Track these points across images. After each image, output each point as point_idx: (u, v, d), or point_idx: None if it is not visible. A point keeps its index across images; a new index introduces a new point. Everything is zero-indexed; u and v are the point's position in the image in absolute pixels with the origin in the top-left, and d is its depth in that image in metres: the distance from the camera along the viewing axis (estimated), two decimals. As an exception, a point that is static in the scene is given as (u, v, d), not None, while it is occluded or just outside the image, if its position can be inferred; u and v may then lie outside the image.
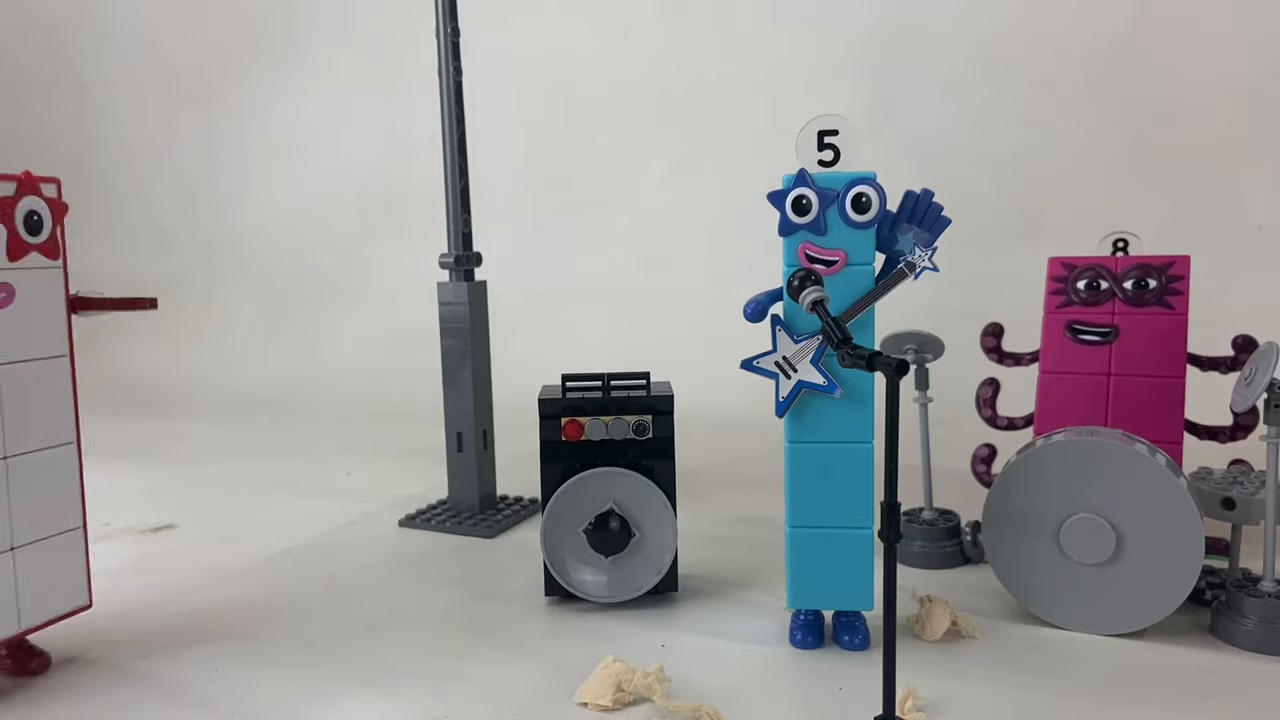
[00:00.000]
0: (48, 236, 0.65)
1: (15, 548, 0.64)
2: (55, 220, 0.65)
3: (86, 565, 0.69)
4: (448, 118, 0.99)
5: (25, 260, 0.63)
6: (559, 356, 1.16)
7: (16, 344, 0.63)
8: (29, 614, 0.65)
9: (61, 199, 0.66)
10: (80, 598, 0.69)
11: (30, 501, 0.65)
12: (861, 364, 0.56)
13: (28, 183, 0.63)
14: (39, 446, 0.65)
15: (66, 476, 0.67)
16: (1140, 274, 0.86)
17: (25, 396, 0.64)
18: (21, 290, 0.63)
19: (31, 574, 0.65)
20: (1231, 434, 0.86)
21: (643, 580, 0.76)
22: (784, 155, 0.68)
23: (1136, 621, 0.70)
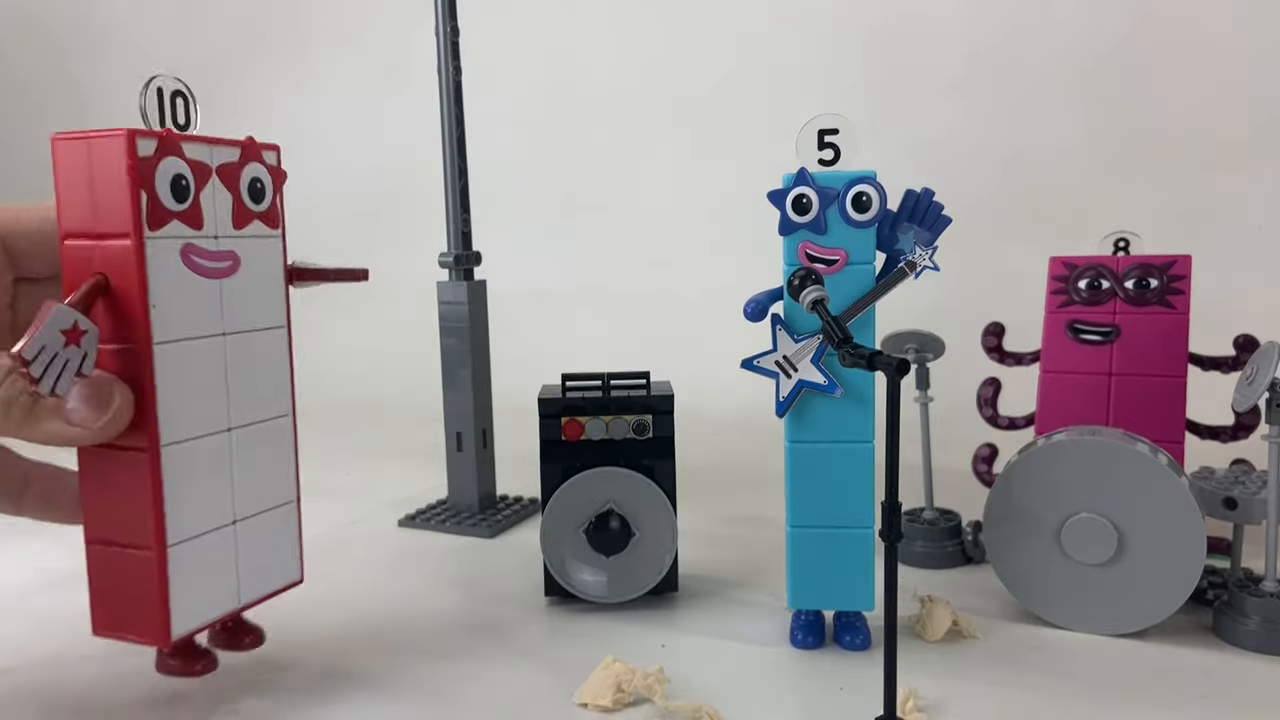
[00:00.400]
0: (269, 204, 0.62)
1: (238, 520, 0.61)
2: (276, 188, 0.63)
3: (299, 539, 0.67)
4: (447, 117, 0.99)
5: (249, 228, 0.61)
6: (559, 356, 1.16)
7: (241, 314, 0.61)
8: (248, 589, 0.63)
9: (281, 166, 0.63)
10: (293, 572, 0.67)
11: (252, 474, 0.62)
12: (862, 363, 0.56)
13: (251, 149, 0.61)
14: (261, 418, 0.63)
15: (284, 448, 0.65)
16: (1141, 273, 0.86)
17: (250, 368, 0.62)
18: (245, 259, 0.61)
19: (252, 548, 0.63)
20: (1233, 434, 0.85)
21: (643, 580, 0.76)
22: (784, 155, 0.68)
23: (1138, 621, 0.70)
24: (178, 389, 0.57)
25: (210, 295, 0.59)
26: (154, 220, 0.55)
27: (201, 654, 0.62)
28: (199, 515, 0.59)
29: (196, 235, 0.57)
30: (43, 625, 0.76)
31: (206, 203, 0.58)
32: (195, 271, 0.57)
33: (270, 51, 2.06)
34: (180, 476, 0.57)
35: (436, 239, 1.03)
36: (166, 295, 0.56)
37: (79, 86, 2.24)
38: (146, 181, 0.54)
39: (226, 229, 0.59)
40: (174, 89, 0.57)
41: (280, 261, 0.64)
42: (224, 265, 0.59)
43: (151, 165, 0.54)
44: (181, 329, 0.57)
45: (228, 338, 0.60)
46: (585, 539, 0.75)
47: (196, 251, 0.57)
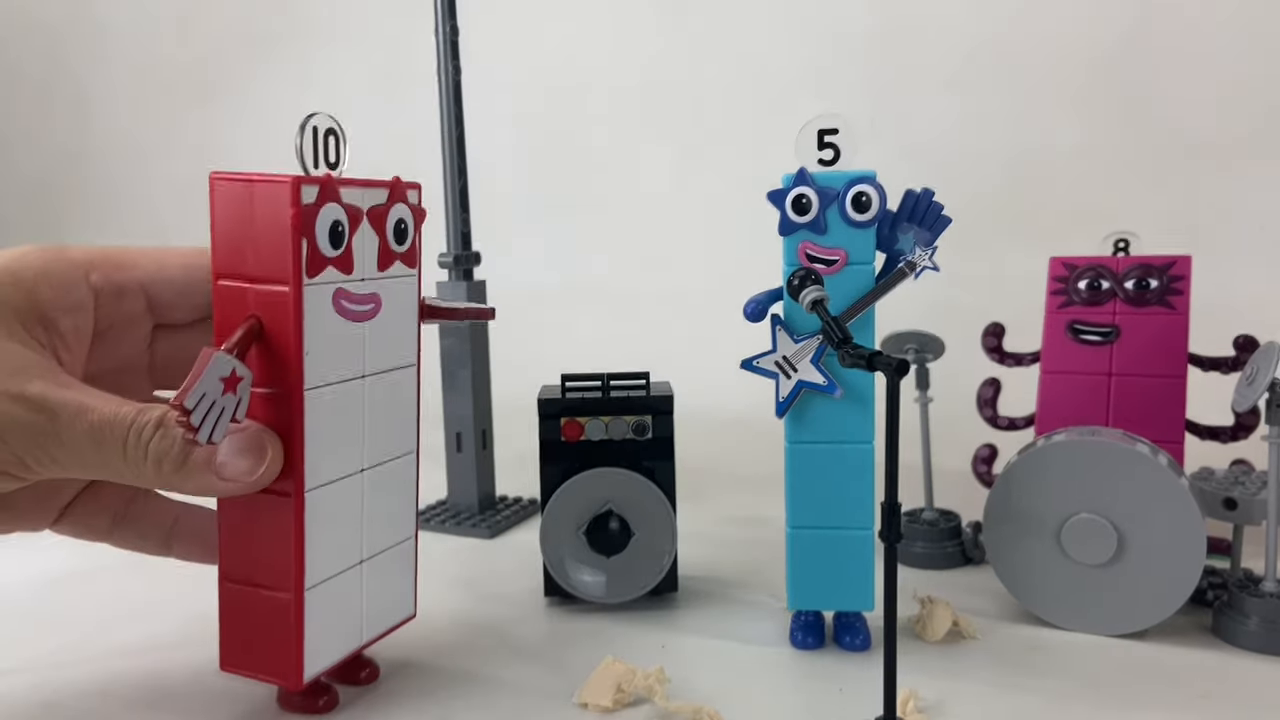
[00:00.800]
0: (410, 244, 0.61)
1: (364, 560, 0.61)
2: (417, 227, 0.62)
3: (415, 574, 0.66)
4: (447, 117, 0.99)
5: (391, 269, 0.60)
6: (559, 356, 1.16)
7: (380, 355, 0.60)
8: (370, 627, 0.63)
9: (421, 204, 0.62)
10: (408, 608, 0.67)
11: (380, 513, 0.62)
12: (862, 364, 0.56)
13: (399, 190, 0.60)
14: (390, 456, 0.62)
15: (408, 485, 0.64)
16: (1141, 274, 0.86)
17: (384, 407, 0.61)
18: (386, 300, 0.60)
19: (376, 586, 0.62)
20: (1233, 434, 0.85)
21: (642, 580, 0.76)
22: (784, 155, 0.68)
23: (1138, 622, 0.70)
24: (323, 433, 0.56)
25: (355, 338, 0.58)
26: (312, 268, 0.54)
27: (324, 689, 0.62)
28: (333, 557, 0.59)
29: (346, 279, 0.57)
30: (43, 625, 0.77)
31: (357, 246, 0.57)
32: (344, 316, 0.57)
33: (270, 51, 2.05)
34: (320, 520, 0.57)
35: (436, 239, 1.03)
36: (319, 341, 0.55)
37: (79, 86, 2.24)
38: (308, 229, 0.54)
39: (371, 270, 0.59)
40: (327, 127, 0.56)
41: (415, 299, 0.63)
42: (368, 308, 0.59)
43: (313, 212, 0.54)
44: (330, 374, 0.57)
45: (367, 379, 0.59)
46: (585, 539, 0.75)
47: (346, 296, 0.57)
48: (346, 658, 0.62)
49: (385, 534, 0.63)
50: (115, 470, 0.53)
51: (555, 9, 1.83)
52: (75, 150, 2.24)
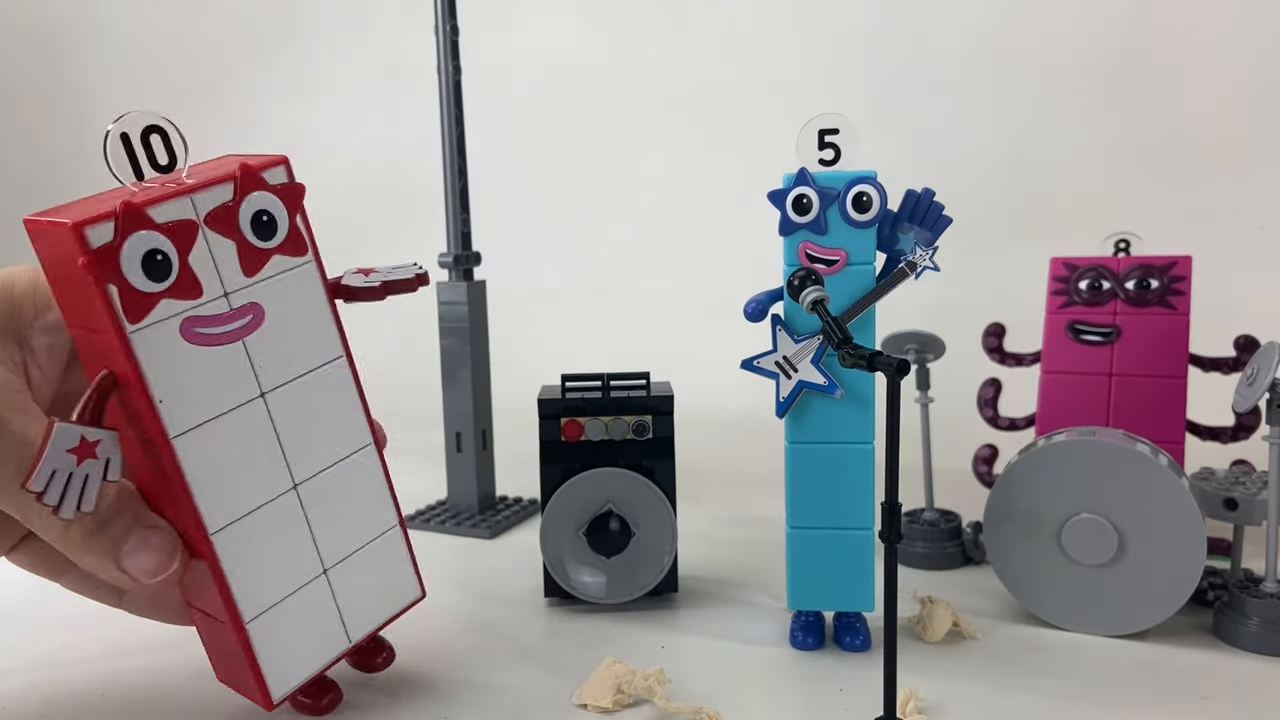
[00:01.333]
0: (287, 232, 0.53)
1: (329, 569, 0.58)
2: (291, 210, 0.53)
3: (411, 559, 0.63)
4: (447, 117, 0.99)
5: (266, 269, 0.53)
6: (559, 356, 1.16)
7: (279, 366, 0.54)
8: (359, 625, 0.60)
9: (294, 179, 0.54)
10: (412, 591, 0.64)
11: (336, 518, 0.58)
12: (862, 364, 0.56)
13: (247, 179, 0.52)
14: (334, 460, 0.58)
15: (372, 480, 0.60)
16: (1142, 274, 0.86)
17: (306, 416, 0.56)
18: (270, 305, 0.53)
19: (355, 586, 0.60)
20: (1233, 434, 0.85)
21: (642, 581, 0.76)
22: (784, 155, 0.68)
23: (1138, 622, 0.70)
24: (213, 473, 0.52)
25: (232, 361, 0.52)
26: (133, 311, 0.48)
27: (328, 688, 0.61)
28: (276, 582, 0.55)
29: (195, 304, 0.50)
30: (43, 625, 0.76)
31: (200, 264, 0.50)
32: (204, 344, 0.51)
33: (270, 51, 2.05)
34: (242, 555, 0.53)
35: (436, 239, 1.03)
36: (174, 382, 0.50)
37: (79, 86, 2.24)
38: (110, 273, 0.47)
39: (236, 281, 0.52)
40: (144, 125, 0.49)
41: (319, 288, 0.56)
42: (242, 323, 0.52)
43: (113, 251, 0.47)
44: (202, 412, 0.51)
45: (269, 396, 0.54)
46: (585, 540, 0.75)
47: (200, 322, 0.50)
48: (346, 654, 0.61)
49: (352, 536, 0.60)
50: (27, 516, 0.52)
51: (555, 9, 1.83)
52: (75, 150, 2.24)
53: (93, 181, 1.80)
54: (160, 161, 0.49)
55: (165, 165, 0.50)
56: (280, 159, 0.53)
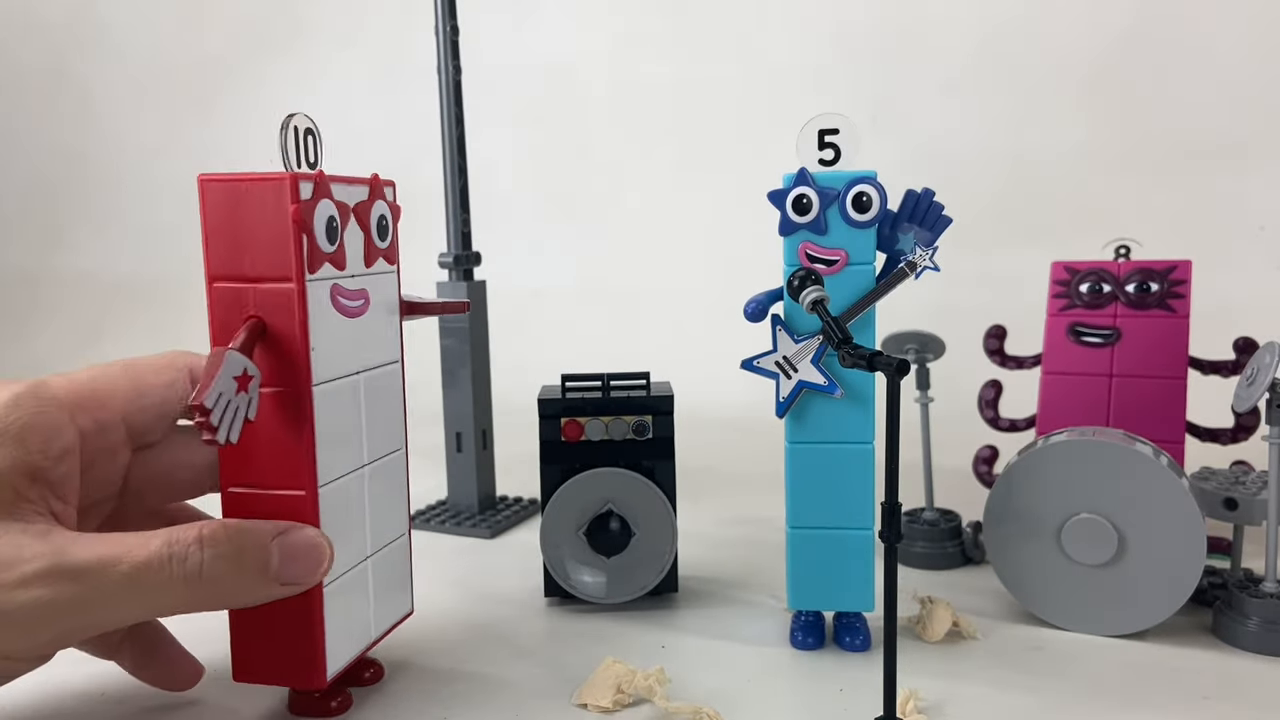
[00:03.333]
0: (391, 240, 0.62)
1: (369, 556, 0.62)
2: (394, 223, 0.63)
3: (410, 571, 0.67)
4: (447, 117, 0.99)
5: (375, 265, 0.61)
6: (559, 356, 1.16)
7: (370, 352, 0.61)
8: (376, 625, 0.63)
9: (396, 201, 0.63)
10: (406, 604, 0.67)
11: (378, 510, 0.63)
12: (862, 364, 0.56)
13: (377, 186, 0.61)
14: (385, 452, 0.63)
15: (399, 483, 0.65)
16: (1142, 278, 0.86)
17: (376, 404, 0.62)
18: (373, 296, 0.61)
19: (379, 583, 0.63)
20: (1233, 436, 0.86)
21: (643, 581, 0.76)
22: (784, 155, 0.68)
23: (1138, 622, 0.70)
24: (331, 430, 0.57)
25: (350, 334, 0.59)
26: (313, 263, 0.55)
27: (335, 691, 0.61)
28: (344, 553, 0.59)
29: (340, 275, 0.58)
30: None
31: (348, 242, 0.58)
32: (341, 312, 0.58)
33: (270, 51, 2.05)
34: (332, 516, 0.57)
35: (436, 239, 1.03)
36: (323, 336, 0.56)
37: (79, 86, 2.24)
38: (307, 224, 0.54)
39: (359, 267, 0.59)
40: (306, 127, 0.56)
41: (396, 296, 0.64)
42: (360, 304, 0.59)
43: (310, 208, 0.54)
44: (332, 370, 0.57)
45: (361, 375, 0.60)
46: (585, 540, 0.75)
47: (341, 292, 0.58)
48: (358, 658, 0.62)
49: (385, 530, 0.64)
50: (162, 608, 0.52)
51: (556, 8, 1.83)
52: (76, 150, 2.24)
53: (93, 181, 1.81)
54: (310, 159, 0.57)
55: (313, 163, 0.57)
56: (392, 182, 0.63)
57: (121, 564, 0.50)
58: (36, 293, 2.19)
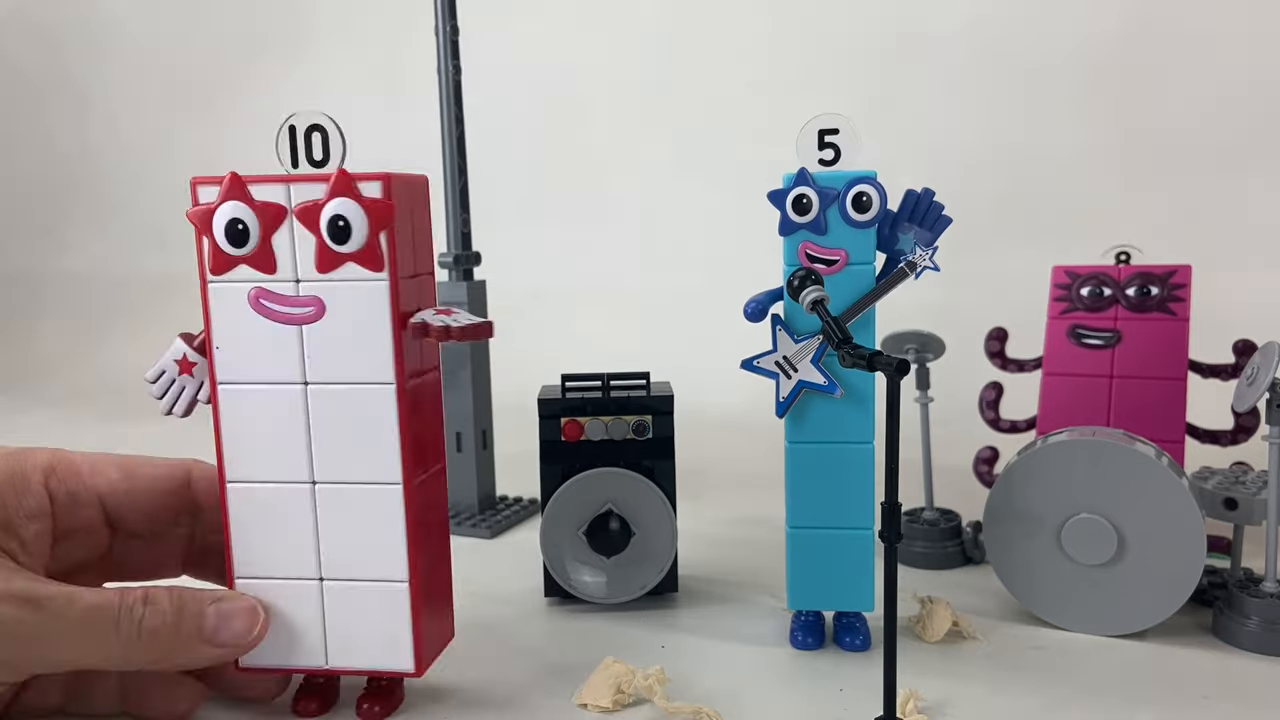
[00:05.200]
0: (363, 244, 0.55)
1: (325, 579, 0.59)
2: (374, 226, 0.55)
3: (413, 628, 0.59)
4: (447, 117, 0.99)
5: (339, 272, 0.56)
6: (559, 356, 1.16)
7: (325, 364, 0.57)
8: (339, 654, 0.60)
9: (388, 197, 0.55)
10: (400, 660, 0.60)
11: (344, 537, 0.59)
12: (862, 364, 0.56)
13: (340, 184, 0.55)
14: (356, 480, 0.58)
15: (390, 521, 0.58)
16: (1143, 282, 0.87)
17: (340, 423, 0.57)
18: (333, 305, 0.56)
19: (344, 615, 0.59)
20: (1233, 437, 0.86)
21: (643, 580, 0.76)
22: (784, 155, 0.68)
23: (1138, 622, 0.70)
24: (243, 432, 0.58)
25: (286, 341, 0.57)
26: (217, 265, 0.56)
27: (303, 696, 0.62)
28: (271, 561, 0.59)
29: (269, 279, 0.56)
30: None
31: (281, 245, 0.56)
32: (267, 316, 0.56)
33: (270, 52, 2.05)
34: (247, 516, 0.59)
35: (436, 239, 1.03)
36: (233, 339, 0.57)
37: (79, 87, 2.24)
38: (205, 227, 0.56)
39: (310, 272, 0.56)
40: (310, 124, 0.55)
41: (384, 310, 0.56)
42: (304, 311, 0.56)
43: (209, 211, 0.55)
44: (247, 373, 0.57)
45: (312, 387, 0.57)
46: (585, 540, 0.75)
47: (269, 296, 0.56)
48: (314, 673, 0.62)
49: (356, 563, 0.59)
50: (106, 651, 0.55)
51: (556, 8, 1.83)
52: (75, 150, 2.24)
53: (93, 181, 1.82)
54: (315, 157, 0.56)
55: (319, 161, 0.56)
56: (382, 176, 0.55)
57: (79, 602, 0.54)
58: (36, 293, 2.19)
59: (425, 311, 0.57)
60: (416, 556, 0.59)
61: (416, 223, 0.59)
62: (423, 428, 0.60)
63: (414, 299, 0.58)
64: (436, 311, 0.58)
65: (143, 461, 0.62)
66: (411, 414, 0.58)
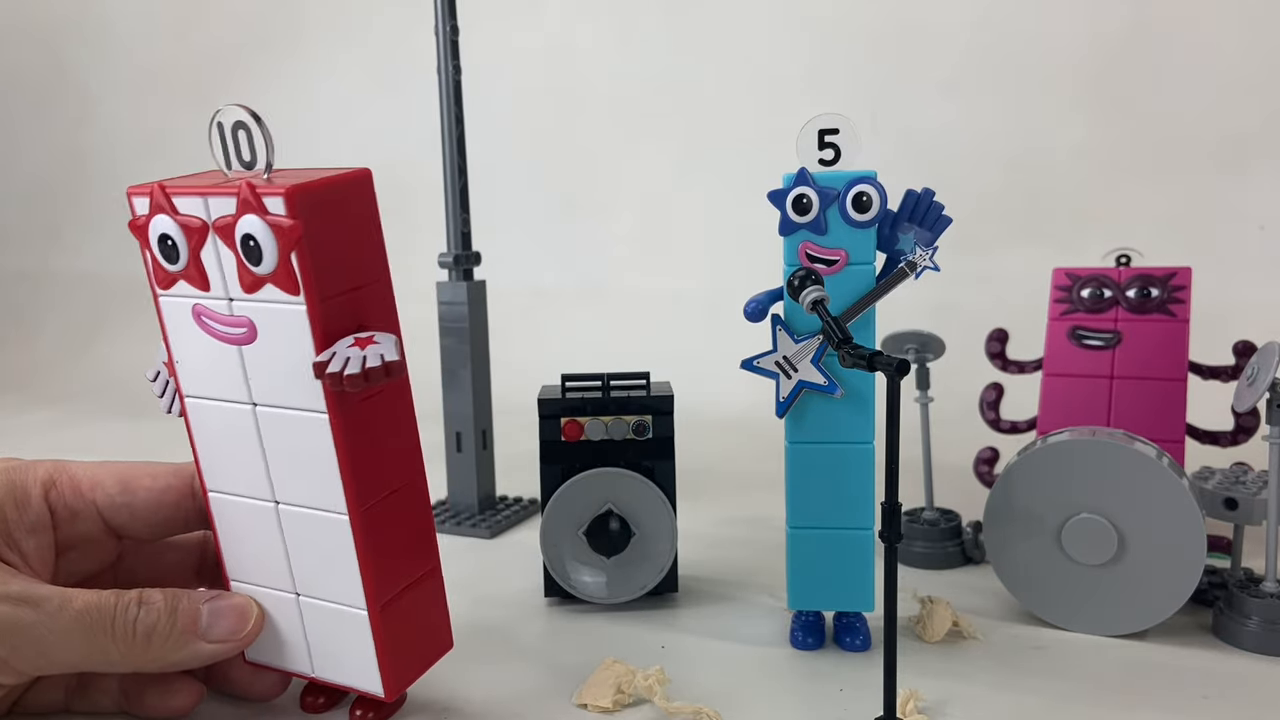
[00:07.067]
0: (275, 266, 0.50)
1: (301, 595, 0.59)
2: (284, 246, 0.49)
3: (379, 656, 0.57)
4: (447, 117, 0.99)
5: (262, 293, 0.52)
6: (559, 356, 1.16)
7: (269, 388, 0.54)
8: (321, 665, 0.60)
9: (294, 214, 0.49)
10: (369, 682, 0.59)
11: (311, 559, 0.57)
12: (862, 364, 0.56)
13: (246, 200, 0.49)
14: (311, 506, 0.56)
15: (343, 550, 0.55)
16: (1143, 283, 0.87)
17: (290, 448, 0.55)
18: (264, 328, 0.53)
19: (321, 630, 0.59)
20: (1233, 438, 0.86)
21: (643, 581, 0.76)
22: (784, 155, 0.68)
23: (1138, 622, 0.70)
24: (212, 445, 0.58)
25: (230, 360, 0.54)
26: (160, 280, 0.55)
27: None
28: (251, 568, 0.60)
29: (205, 296, 0.54)
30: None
31: (210, 262, 0.52)
32: (209, 333, 0.54)
33: (269, 51, 2.05)
34: (227, 525, 0.59)
35: (436, 239, 1.03)
36: (188, 353, 0.56)
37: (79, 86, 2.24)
38: (143, 240, 0.54)
39: (238, 292, 0.52)
40: (235, 120, 0.51)
41: (306, 336, 0.51)
42: (238, 332, 0.53)
43: (144, 224, 0.53)
44: (207, 389, 0.56)
45: (259, 409, 0.55)
46: (585, 540, 0.75)
47: (207, 314, 0.54)
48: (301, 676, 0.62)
49: (325, 585, 0.58)
50: (104, 651, 0.55)
51: (555, 8, 1.83)
52: (76, 150, 2.24)
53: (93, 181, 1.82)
54: (244, 158, 0.51)
55: (248, 162, 0.51)
56: (279, 189, 0.49)
57: (75, 601, 0.55)
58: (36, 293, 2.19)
59: (341, 342, 0.51)
60: (378, 584, 0.56)
61: (354, 229, 0.53)
62: (379, 449, 0.55)
63: (352, 316, 0.53)
64: (356, 340, 0.51)
65: (144, 472, 0.62)
66: (359, 439, 0.54)
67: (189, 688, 0.61)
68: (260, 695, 0.63)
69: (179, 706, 0.61)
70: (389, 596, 0.57)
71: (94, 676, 0.61)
